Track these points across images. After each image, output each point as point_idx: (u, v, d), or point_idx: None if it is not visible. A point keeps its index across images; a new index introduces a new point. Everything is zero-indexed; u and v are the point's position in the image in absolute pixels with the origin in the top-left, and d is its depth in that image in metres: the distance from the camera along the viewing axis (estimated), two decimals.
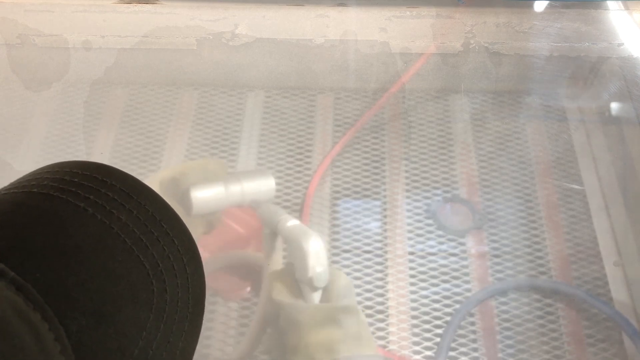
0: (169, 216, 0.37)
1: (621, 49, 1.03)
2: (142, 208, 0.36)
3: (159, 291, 0.34)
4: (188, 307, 0.36)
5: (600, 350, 0.87)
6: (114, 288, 0.33)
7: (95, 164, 0.37)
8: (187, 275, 0.36)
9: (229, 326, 0.88)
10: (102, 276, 0.32)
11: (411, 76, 1.05)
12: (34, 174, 0.37)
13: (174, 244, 0.36)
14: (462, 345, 0.87)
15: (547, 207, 0.99)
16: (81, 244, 0.33)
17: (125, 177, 0.37)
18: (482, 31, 1.02)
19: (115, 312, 0.32)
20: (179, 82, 1.12)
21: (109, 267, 0.33)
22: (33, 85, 1.07)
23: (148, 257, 0.35)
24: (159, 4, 1.00)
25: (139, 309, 0.33)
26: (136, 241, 0.34)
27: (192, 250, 0.38)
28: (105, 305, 0.32)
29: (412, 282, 0.92)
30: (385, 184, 1.02)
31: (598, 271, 0.93)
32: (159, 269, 0.35)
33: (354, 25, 1.02)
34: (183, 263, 0.36)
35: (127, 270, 0.33)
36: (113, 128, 1.07)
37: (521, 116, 1.10)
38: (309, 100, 1.11)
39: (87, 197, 0.34)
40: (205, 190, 0.91)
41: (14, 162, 1.02)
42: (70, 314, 0.30)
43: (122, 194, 0.36)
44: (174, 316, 0.35)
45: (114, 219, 0.34)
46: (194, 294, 0.37)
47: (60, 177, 0.36)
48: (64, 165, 0.37)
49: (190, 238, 0.38)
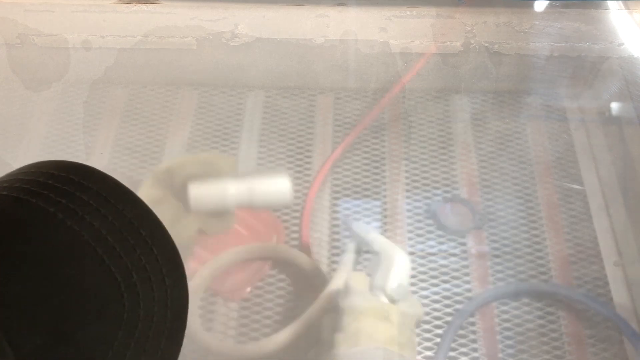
0: (150, 222, 0.34)
1: (621, 49, 1.03)
2: (120, 213, 0.33)
3: (130, 305, 0.32)
4: (165, 322, 0.33)
5: (601, 351, 0.86)
6: (78, 303, 0.30)
7: (74, 164, 0.35)
8: (166, 288, 0.34)
9: (228, 326, 0.88)
10: (65, 290, 0.30)
11: (411, 76, 1.05)
12: (9, 175, 0.35)
13: (152, 253, 0.33)
14: (462, 345, 0.87)
15: (548, 207, 0.99)
16: (46, 254, 0.30)
17: (104, 179, 0.34)
18: (482, 31, 1.02)
19: (78, 330, 0.30)
20: (179, 82, 1.12)
21: (75, 279, 0.30)
22: (33, 85, 1.07)
23: (121, 267, 0.32)
24: (159, 4, 1.00)
25: (106, 325, 0.31)
26: (108, 250, 0.32)
27: (174, 261, 0.35)
28: (67, 323, 0.29)
29: (412, 282, 0.92)
30: (385, 184, 1.01)
31: (598, 271, 0.93)
32: (132, 281, 0.32)
33: (354, 25, 1.02)
34: (162, 274, 0.34)
35: (95, 282, 0.31)
36: (113, 128, 1.06)
37: (521, 116, 1.10)
38: (309, 100, 1.11)
39: (59, 200, 0.32)
40: (206, 185, 0.90)
41: (14, 162, 1.01)
42: (25, 332, 0.28)
43: (99, 197, 0.33)
44: (148, 332, 0.32)
45: (85, 225, 0.32)
46: (174, 307, 0.34)
47: (34, 179, 0.33)
48: (40, 166, 0.35)
49: (172, 247, 0.35)
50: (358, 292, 0.79)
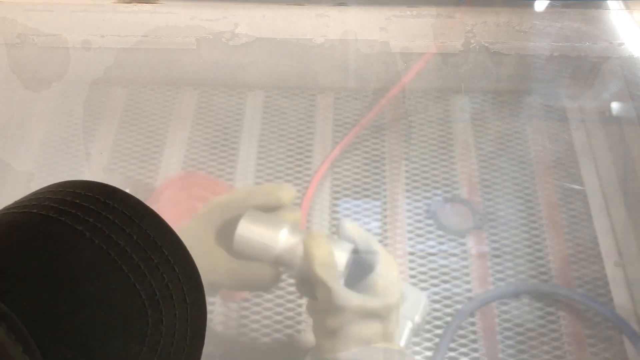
0: (172, 242, 0.35)
1: (622, 49, 1.03)
2: (144, 233, 0.34)
3: (154, 322, 0.33)
4: (186, 339, 0.34)
5: (601, 351, 0.86)
6: (104, 318, 0.31)
7: (99, 185, 0.36)
8: (187, 306, 0.35)
9: (228, 326, 0.88)
10: (93, 305, 0.31)
11: (412, 76, 1.05)
12: (36, 193, 0.36)
13: (174, 272, 0.35)
14: (462, 345, 0.87)
15: (548, 207, 0.99)
16: (74, 270, 0.31)
17: (128, 199, 0.35)
18: (482, 31, 1.02)
19: (104, 345, 0.30)
20: (179, 82, 1.12)
21: (102, 295, 0.31)
22: (33, 85, 1.07)
23: (145, 285, 0.33)
24: (158, 4, 1.00)
25: (131, 340, 0.32)
26: (133, 268, 0.33)
27: (194, 279, 0.36)
28: (93, 337, 0.30)
29: (412, 282, 0.92)
30: (385, 184, 1.01)
31: (598, 271, 0.93)
32: (156, 298, 0.33)
33: (354, 25, 1.02)
34: (183, 292, 0.35)
35: (121, 299, 0.32)
36: (113, 128, 1.06)
37: (521, 116, 1.10)
38: (309, 100, 1.11)
39: (86, 219, 0.33)
40: (256, 228, 0.72)
41: (14, 162, 1.01)
42: (56, 346, 0.29)
43: (124, 217, 0.34)
44: (169, 349, 0.33)
45: (111, 243, 0.33)
46: (193, 325, 0.35)
47: (61, 198, 0.34)
48: (67, 185, 0.36)
49: (193, 266, 0.36)
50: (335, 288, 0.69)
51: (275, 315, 0.89)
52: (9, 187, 0.98)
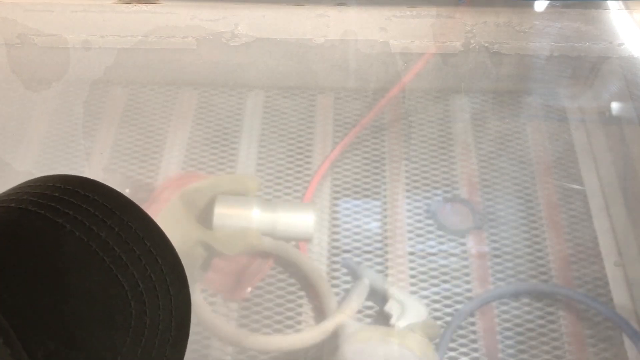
0: (154, 233, 0.35)
1: (622, 49, 1.03)
2: (125, 225, 0.34)
3: (137, 313, 0.33)
4: (170, 330, 0.34)
5: (601, 351, 0.86)
6: (88, 310, 0.31)
7: (79, 178, 0.36)
8: (170, 297, 0.35)
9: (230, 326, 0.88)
10: (75, 297, 0.31)
11: (412, 76, 1.05)
12: (15, 188, 0.36)
13: (157, 263, 0.34)
14: (462, 345, 0.87)
15: (548, 207, 0.99)
16: (56, 263, 0.31)
17: (109, 192, 0.35)
18: (482, 31, 1.02)
19: (88, 336, 0.30)
20: (179, 82, 1.12)
21: (84, 287, 0.31)
22: (33, 85, 1.07)
23: (127, 276, 0.33)
24: (159, 4, 1.00)
25: (115, 332, 0.32)
26: (115, 259, 0.33)
27: (177, 271, 0.36)
28: (77, 329, 0.30)
29: (412, 282, 0.92)
30: (385, 184, 1.01)
31: (598, 271, 0.93)
32: (139, 290, 0.33)
33: (354, 25, 1.02)
34: (166, 283, 0.35)
35: (104, 290, 0.32)
36: (113, 128, 1.06)
37: (521, 116, 1.10)
38: (309, 100, 1.11)
39: (67, 212, 0.33)
40: (231, 206, 0.90)
41: (14, 162, 1.01)
42: (38, 338, 0.29)
43: (105, 209, 0.34)
44: (154, 340, 0.33)
45: (93, 235, 0.33)
46: (177, 316, 0.35)
47: (40, 192, 0.34)
48: (46, 180, 0.36)
49: (176, 257, 0.36)
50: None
51: (276, 315, 0.89)
52: (9, 187, 0.98)
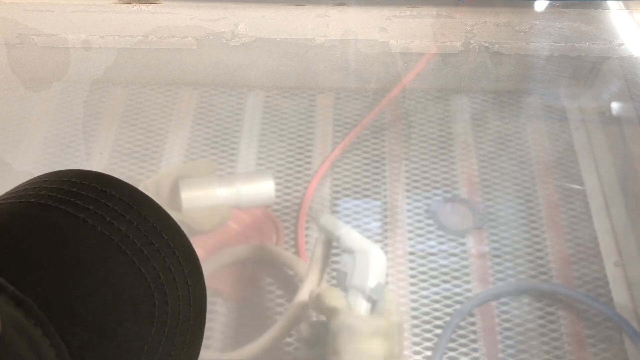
0: (170, 227, 0.36)
1: (621, 49, 1.03)
2: (143, 219, 0.35)
3: (160, 304, 0.34)
4: (189, 319, 0.36)
5: (601, 351, 0.86)
6: (115, 302, 0.32)
7: (94, 173, 0.36)
8: (189, 287, 0.36)
9: (229, 326, 0.88)
10: (103, 289, 0.32)
11: (412, 77, 1.05)
12: (30, 183, 0.36)
13: (175, 255, 0.35)
14: (462, 345, 0.87)
15: (548, 207, 0.99)
16: (82, 257, 0.32)
17: (124, 187, 0.36)
18: (482, 31, 1.02)
19: (117, 327, 0.31)
20: (179, 82, 1.12)
21: (110, 280, 0.32)
22: (33, 85, 1.07)
23: (149, 269, 0.34)
24: (159, 4, 1.00)
25: (141, 322, 0.33)
26: (137, 253, 0.34)
27: (194, 262, 0.37)
28: (107, 320, 0.31)
29: (412, 282, 0.92)
30: (385, 184, 1.01)
31: (598, 271, 0.93)
32: (160, 281, 0.34)
33: (354, 25, 1.02)
34: (184, 275, 0.36)
35: (129, 282, 0.33)
36: (113, 128, 1.06)
37: (521, 116, 1.10)
38: (309, 100, 1.11)
39: (87, 207, 0.34)
40: (196, 187, 0.94)
41: (14, 162, 1.01)
42: (72, 329, 0.30)
43: (122, 204, 0.35)
44: (175, 329, 0.34)
45: (114, 230, 0.33)
46: (195, 305, 0.36)
47: (58, 187, 0.35)
48: (62, 175, 0.36)
49: (191, 249, 0.37)
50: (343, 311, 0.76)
51: (276, 315, 0.89)
52: (9, 187, 0.98)
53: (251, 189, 0.96)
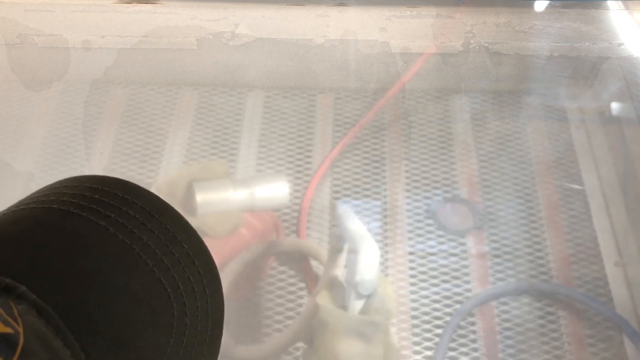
0: (190, 236, 0.36)
1: (621, 49, 1.03)
2: (164, 228, 0.35)
3: (179, 314, 0.33)
4: (207, 330, 0.36)
5: (601, 351, 0.86)
6: (135, 312, 0.32)
7: (115, 180, 0.36)
8: (207, 298, 0.36)
9: (229, 326, 0.88)
10: (123, 299, 0.31)
11: (411, 76, 1.05)
12: (51, 189, 0.36)
13: (194, 266, 0.35)
14: (462, 345, 0.87)
15: (548, 207, 0.99)
16: (103, 265, 0.32)
17: (145, 194, 0.36)
18: (482, 31, 1.02)
19: (137, 337, 0.31)
20: (179, 82, 1.12)
21: (131, 289, 0.32)
22: (33, 85, 1.07)
23: (169, 279, 0.34)
24: (159, 4, 1.00)
25: (160, 333, 0.32)
26: (157, 262, 0.33)
27: (212, 272, 0.37)
28: (126, 330, 0.31)
29: (412, 282, 0.92)
30: (385, 184, 1.01)
31: (598, 271, 0.93)
32: (180, 292, 0.34)
33: (354, 25, 1.02)
34: (203, 285, 0.35)
35: (149, 292, 0.33)
36: (113, 128, 1.06)
37: (521, 116, 1.10)
38: (309, 100, 1.11)
39: (108, 215, 0.33)
40: (211, 191, 0.92)
41: (14, 162, 1.01)
42: (92, 339, 0.29)
43: (144, 212, 0.35)
44: (194, 340, 0.34)
45: (135, 238, 0.33)
46: (213, 316, 0.36)
47: (79, 193, 0.34)
48: (83, 180, 0.36)
49: (210, 259, 0.37)
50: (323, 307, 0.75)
51: (276, 315, 0.89)
52: (9, 187, 0.98)
53: (265, 191, 0.94)
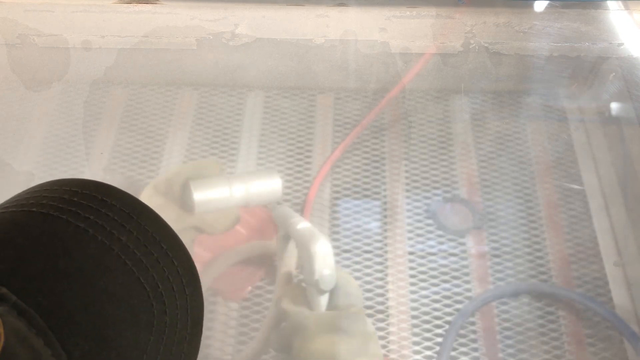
0: (169, 236, 0.37)
1: (621, 49, 1.03)
2: (142, 229, 0.35)
3: (159, 313, 0.34)
4: (187, 328, 0.36)
5: (600, 351, 0.87)
6: (115, 311, 0.32)
7: (94, 183, 0.37)
8: (187, 297, 0.36)
9: (229, 326, 0.88)
10: (103, 299, 0.32)
11: (411, 77, 1.05)
12: (31, 192, 0.37)
13: (173, 265, 0.36)
14: (462, 345, 0.87)
15: (547, 207, 0.99)
16: (83, 266, 0.32)
17: (124, 197, 0.37)
18: (482, 31, 1.02)
19: (117, 336, 0.32)
20: (179, 82, 1.12)
21: (110, 289, 0.33)
22: (33, 85, 1.07)
23: (148, 278, 0.34)
24: (159, 4, 1.00)
25: (140, 331, 0.33)
26: (136, 263, 0.34)
27: (191, 271, 0.37)
28: (107, 329, 0.31)
29: (412, 282, 0.92)
30: (385, 184, 1.02)
31: (598, 271, 0.93)
32: (159, 291, 0.34)
33: (354, 25, 1.02)
34: (182, 284, 0.36)
35: (128, 292, 0.33)
36: (113, 128, 1.06)
37: (521, 116, 1.10)
38: (309, 100, 1.11)
39: (87, 217, 0.34)
40: (208, 189, 0.92)
41: (14, 162, 1.01)
42: (73, 339, 0.30)
43: (122, 214, 0.35)
44: (174, 338, 0.35)
45: (114, 240, 0.34)
46: (193, 315, 0.37)
47: (59, 196, 0.35)
48: (63, 184, 0.37)
49: (189, 258, 0.38)
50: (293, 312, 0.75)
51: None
52: (9, 187, 0.98)
53: (259, 186, 0.94)
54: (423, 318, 0.88)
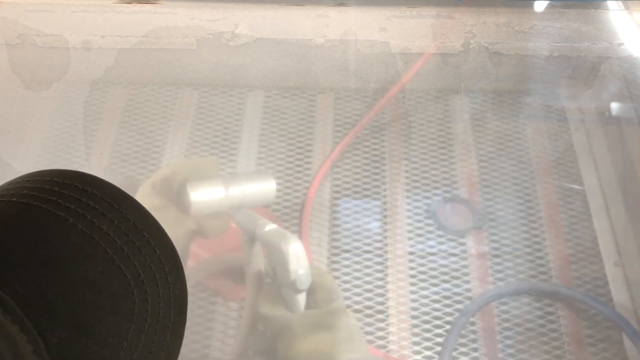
0: (151, 225, 0.37)
1: (621, 49, 1.03)
2: (124, 217, 0.35)
3: (140, 301, 0.34)
4: (170, 316, 0.36)
5: (600, 350, 0.87)
6: (95, 299, 0.32)
7: (76, 173, 0.37)
8: (169, 285, 0.36)
9: (229, 326, 0.88)
10: (83, 287, 0.32)
11: (411, 76, 1.05)
12: (13, 183, 0.37)
13: (155, 253, 0.36)
14: (462, 345, 0.87)
15: (547, 207, 0.99)
16: (62, 254, 0.33)
17: (106, 186, 0.37)
18: (482, 31, 1.02)
19: (96, 323, 0.32)
20: (179, 82, 1.12)
21: (90, 277, 0.33)
22: (33, 85, 1.07)
23: (129, 266, 0.34)
24: (159, 4, 1.00)
25: (120, 319, 0.33)
26: (117, 251, 0.34)
27: (174, 260, 0.37)
28: (86, 317, 0.32)
29: (412, 282, 0.92)
30: (385, 184, 1.02)
31: (598, 271, 0.93)
32: (140, 279, 0.34)
33: (354, 25, 1.02)
34: (165, 272, 0.36)
35: (109, 280, 0.33)
36: (113, 128, 1.06)
37: (521, 116, 1.10)
38: (309, 100, 1.11)
39: (68, 206, 0.34)
40: (204, 191, 0.92)
41: (14, 162, 1.01)
42: (51, 326, 0.30)
43: (103, 203, 0.35)
44: (156, 326, 0.35)
45: (94, 228, 0.34)
46: (176, 303, 0.37)
47: (40, 186, 0.35)
48: (44, 174, 0.37)
49: (172, 247, 0.38)
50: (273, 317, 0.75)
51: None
52: None
53: (254, 189, 0.94)
54: (423, 318, 0.88)
